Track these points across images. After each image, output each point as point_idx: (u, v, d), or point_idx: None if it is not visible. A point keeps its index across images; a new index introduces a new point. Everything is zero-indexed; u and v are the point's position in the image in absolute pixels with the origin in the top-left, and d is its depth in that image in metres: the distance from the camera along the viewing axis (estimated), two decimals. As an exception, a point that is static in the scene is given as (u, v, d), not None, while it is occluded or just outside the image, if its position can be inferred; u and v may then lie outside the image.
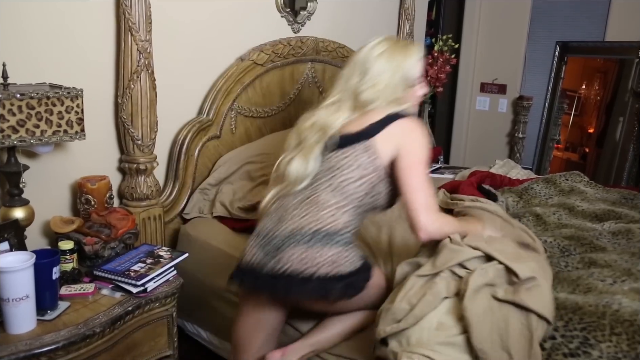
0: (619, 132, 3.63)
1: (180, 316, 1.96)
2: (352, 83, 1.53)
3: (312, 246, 1.38)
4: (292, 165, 1.50)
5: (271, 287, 1.42)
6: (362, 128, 1.48)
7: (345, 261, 1.39)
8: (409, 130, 1.47)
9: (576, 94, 3.95)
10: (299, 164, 1.49)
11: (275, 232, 1.44)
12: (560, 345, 1.24)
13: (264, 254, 1.43)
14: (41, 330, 1.36)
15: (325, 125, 1.52)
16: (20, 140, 1.46)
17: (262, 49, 2.38)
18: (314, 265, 1.37)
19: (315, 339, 1.54)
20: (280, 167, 1.56)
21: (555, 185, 2.34)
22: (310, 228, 1.40)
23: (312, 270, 1.36)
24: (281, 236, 1.42)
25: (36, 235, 1.76)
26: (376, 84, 1.50)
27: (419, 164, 1.43)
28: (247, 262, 1.47)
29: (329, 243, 1.38)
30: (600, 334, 1.24)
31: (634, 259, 1.64)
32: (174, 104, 2.10)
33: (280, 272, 1.39)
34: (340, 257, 1.38)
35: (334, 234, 1.40)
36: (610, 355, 1.19)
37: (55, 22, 1.71)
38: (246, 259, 1.48)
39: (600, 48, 3.74)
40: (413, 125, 1.48)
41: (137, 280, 1.57)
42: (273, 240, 1.43)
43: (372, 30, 3.14)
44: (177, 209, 2.16)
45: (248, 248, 1.49)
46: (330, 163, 1.48)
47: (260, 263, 1.44)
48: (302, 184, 1.49)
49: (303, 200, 1.46)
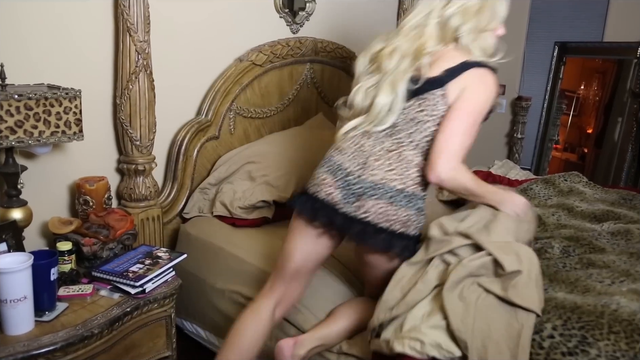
0: (617, 132, 3.63)
1: (179, 315, 1.96)
2: (437, 3, 1.46)
3: (393, 203, 1.40)
4: (380, 97, 1.44)
5: (347, 228, 1.43)
6: (439, 73, 1.43)
7: (413, 224, 1.43)
8: (479, 77, 1.42)
9: (575, 94, 3.95)
10: (386, 97, 1.44)
11: (357, 177, 1.43)
12: (559, 344, 1.24)
13: (343, 197, 1.43)
14: (39, 331, 1.36)
15: (416, 50, 1.44)
16: (18, 141, 1.46)
17: (261, 50, 2.37)
18: (390, 220, 1.40)
19: (323, 333, 1.56)
20: (356, 98, 1.51)
21: (554, 186, 2.34)
22: (395, 185, 1.41)
23: (387, 224, 1.40)
24: (364, 184, 1.42)
25: (34, 236, 1.76)
26: (466, 10, 1.44)
27: (471, 112, 1.41)
28: (322, 199, 1.45)
29: (408, 205, 1.41)
30: (599, 332, 1.24)
31: (633, 259, 1.64)
32: (173, 105, 2.10)
33: (357, 217, 1.41)
34: (411, 220, 1.42)
35: (415, 197, 1.43)
36: (609, 354, 1.19)
37: (54, 23, 1.71)
38: (320, 195, 1.46)
39: (598, 48, 3.74)
40: (487, 76, 1.44)
41: (136, 281, 1.57)
42: (354, 185, 1.43)
43: (370, 30, 3.14)
44: (175, 209, 2.16)
45: (320, 181, 1.48)
46: (410, 114, 1.45)
47: (337, 204, 1.44)
48: (385, 124, 1.45)
49: (388, 150, 1.44)
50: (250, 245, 1.96)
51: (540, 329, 1.28)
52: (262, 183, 2.11)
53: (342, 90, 2.92)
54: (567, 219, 2.05)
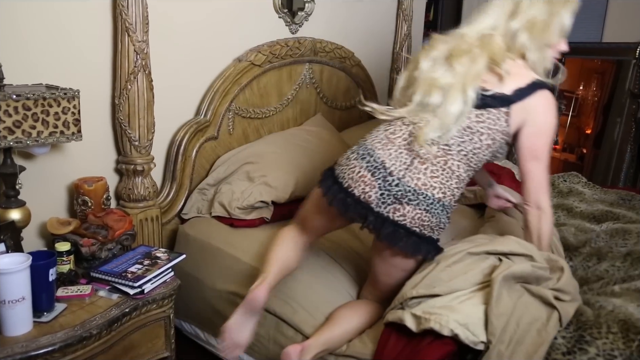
0: (616, 133, 3.63)
1: (178, 316, 1.95)
2: (500, 15, 1.45)
3: (430, 211, 1.41)
4: (451, 105, 1.39)
5: (378, 227, 1.42)
6: (506, 91, 1.42)
7: (438, 229, 1.45)
8: (546, 102, 1.43)
9: (574, 95, 3.95)
10: (457, 105, 1.39)
11: (399, 180, 1.41)
12: (560, 345, 1.26)
13: (379, 197, 1.41)
14: (37, 332, 1.36)
15: (491, 52, 1.41)
16: (17, 141, 1.46)
17: (260, 50, 2.37)
18: (421, 225, 1.41)
19: (327, 337, 1.54)
20: (431, 97, 1.43)
21: (554, 186, 2.35)
22: (435, 194, 1.41)
23: (418, 229, 1.41)
24: (405, 187, 1.40)
25: (33, 237, 1.76)
26: (533, 25, 1.42)
27: (549, 143, 1.45)
28: (357, 197, 1.43)
29: (442, 213, 1.43)
30: (597, 331, 1.27)
31: (627, 263, 1.66)
32: (171, 105, 2.09)
33: (392, 219, 1.41)
34: (440, 226, 1.44)
35: (449, 207, 1.45)
36: (606, 353, 1.21)
37: (52, 23, 1.70)
38: (355, 192, 1.43)
39: (597, 49, 3.74)
40: (551, 99, 1.44)
41: (134, 282, 1.56)
42: (394, 187, 1.40)
43: (369, 31, 3.14)
44: (174, 210, 2.15)
45: (357, 177, 1.44)
46: (466, 122, 1.42)
47: (372, 202, 1.42)
48: (449, 133, 1.41)
49: (435, 157, 1.42)
50: (248, 245, 1.96)
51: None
52: (261, 183, 2.10)
53: (341, 90, 2.92)
54: (567, 219, 2.05)
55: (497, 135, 1.44)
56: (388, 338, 1.39)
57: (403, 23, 3.33)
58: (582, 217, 2.05)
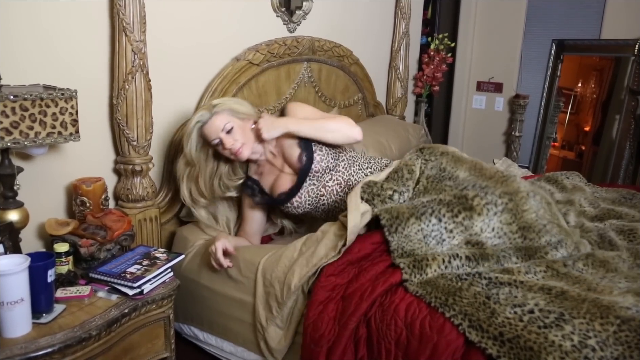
0: (615, 129, 3.64)
1: (177, 320, 1.95)
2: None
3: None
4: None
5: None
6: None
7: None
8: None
9: (572, 92, 3.95)
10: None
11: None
12: (537, 319, 1.32)
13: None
14: (36, 333, 1.35)
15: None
16: (14, 142, 1.45)
17: (258, 49, 2.37)
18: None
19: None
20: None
21: (557, 184, 2.34)
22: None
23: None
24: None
25: (31, 238, 1.75)
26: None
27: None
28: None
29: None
30: (577, 312, 1.31)
31: (630, 259, 1.66)
32: (170, 105, 2.09)
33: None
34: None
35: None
36: (582, 333, 1.25)
37: (49, 23, 1.69)
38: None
39: (596, 46, 3.75)
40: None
41: (134, 282, 1.56)
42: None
43: (367, 29, 3.14)
44: (173, 210, 2.15)
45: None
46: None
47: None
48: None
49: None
50: (247, 246, 1.95)
51: (523, 303, 1.37)
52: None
53: (339, 88, 2.92)
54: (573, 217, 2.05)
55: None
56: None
57: (401, 21, 3.33)
58: (585, 216, 2.05)
